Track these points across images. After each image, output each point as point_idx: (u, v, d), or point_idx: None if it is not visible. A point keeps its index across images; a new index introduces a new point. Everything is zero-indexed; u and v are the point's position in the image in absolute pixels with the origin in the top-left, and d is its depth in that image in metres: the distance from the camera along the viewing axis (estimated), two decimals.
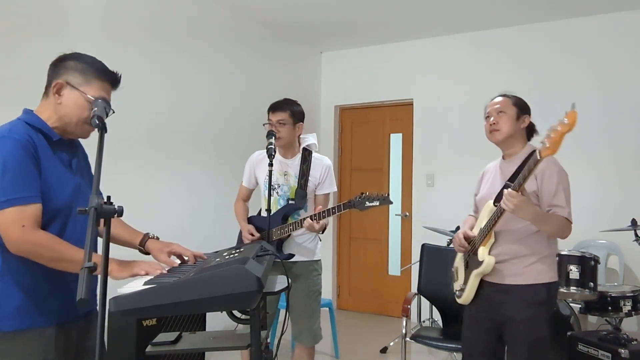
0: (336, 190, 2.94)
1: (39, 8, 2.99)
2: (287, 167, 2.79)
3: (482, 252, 2.25)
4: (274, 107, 2.79)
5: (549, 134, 1.81)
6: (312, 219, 2.58)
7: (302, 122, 2.83)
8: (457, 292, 2.43)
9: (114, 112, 1.60)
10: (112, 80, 1.63)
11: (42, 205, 1.49)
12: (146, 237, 1.81)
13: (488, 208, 2.28)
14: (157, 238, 1.83)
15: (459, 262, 2.49)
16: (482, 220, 2.30)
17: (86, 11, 3.25)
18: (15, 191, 1.43)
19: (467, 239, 2.35)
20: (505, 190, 2.06)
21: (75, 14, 3.17)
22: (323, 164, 2.85)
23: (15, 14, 2.89)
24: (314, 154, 2.87)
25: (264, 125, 2.80)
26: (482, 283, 2.30)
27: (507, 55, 4.77)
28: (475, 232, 2.35)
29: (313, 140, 2.89)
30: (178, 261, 1.79)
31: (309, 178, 2.79)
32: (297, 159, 2.83)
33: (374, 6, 4.35)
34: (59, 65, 1.60)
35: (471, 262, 2.33)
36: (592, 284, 3.08)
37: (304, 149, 2.85)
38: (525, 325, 2.17)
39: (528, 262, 2.21)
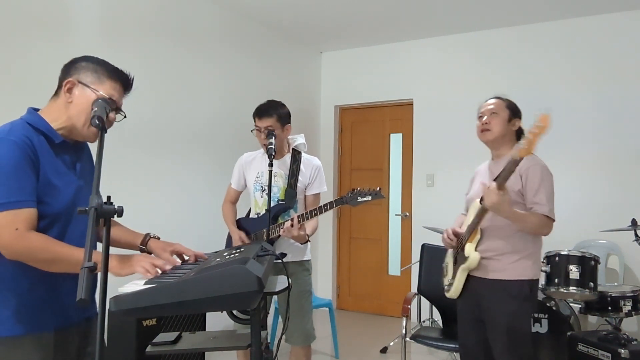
0: (326, 190, 2.93)
1: (37, 9, 2.99)
2: (277, 168, 2.76)
3: (469, 248, 2.34)
4: (260, 113, 2.72)
5: (526, 136, 1.95)
6: (299, 219, 2.54)
7: (289, 123, 2.79)
8: (446, 287, 2.52)
9: (125, 116, 1.60)
10: (123, 81, 1.62)
11: (43, 208, 1.47)
12: (147, 236, 1.81)
13: (475, 206, 2.34)
14: (158, 238, 1.83)
15: (449, 258, 2.57)
16: (470, 218, 2.38)
17: (85, 12, 3.24)
18: (9, 195, 1.40)
19: (456, 235, 2.44)
20: (483, 185, 2.15)
21: (73, 15, 3.17)
22: (313, 164, 2.85)
23: (14, 15, 2.89)
24: (303, 154, 2.87)
25: (251, 131, 2.77)
26: (470, 278, 2.38)
27: (507, 55, 4.77)
28: (463, 229, 2.43)
29: (302, 140, 2.89)
30: (179, 261, 1.79)
31: (299, 178, 2.78)
32: (287, 159, 2.82)
33: (374, 6, 4.35)
34: (70, 66, 1.59)
35: (459, 257, 2.41)
36: (592, 284, 3.08)
37: (293, 150, 2.85)
38: (508, 318, 2.25)
39: (513, 259, 2.29)
